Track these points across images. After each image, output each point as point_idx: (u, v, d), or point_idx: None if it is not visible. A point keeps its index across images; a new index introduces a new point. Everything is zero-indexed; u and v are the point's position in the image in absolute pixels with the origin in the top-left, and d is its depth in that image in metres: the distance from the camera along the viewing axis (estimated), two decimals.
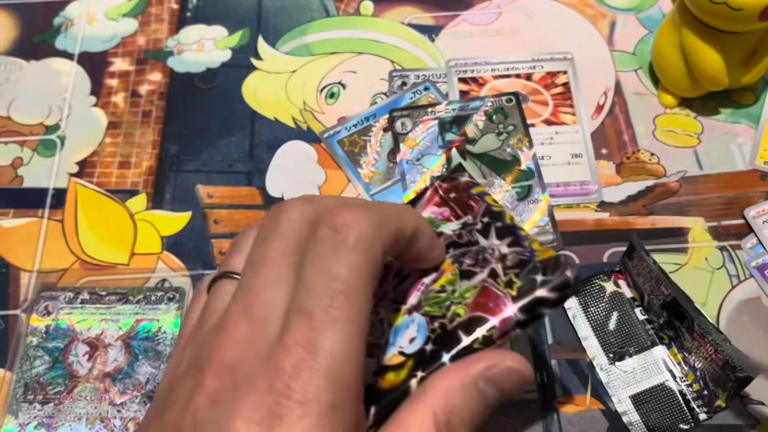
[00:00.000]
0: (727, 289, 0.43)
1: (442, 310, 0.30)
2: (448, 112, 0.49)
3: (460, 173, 0.35)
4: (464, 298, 0.30)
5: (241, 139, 0.50)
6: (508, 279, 0.30)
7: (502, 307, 0.29)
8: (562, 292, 0.29)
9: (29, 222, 0.47)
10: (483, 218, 0.33)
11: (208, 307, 0.29)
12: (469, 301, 0.30)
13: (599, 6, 0.55)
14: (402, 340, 0.30)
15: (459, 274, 0.31)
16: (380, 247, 0.26)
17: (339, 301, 0.25)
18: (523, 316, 0.29)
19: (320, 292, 0.25)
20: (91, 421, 0.40)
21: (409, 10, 0.56)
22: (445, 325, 0.29)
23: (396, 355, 0.29)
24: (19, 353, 0.42)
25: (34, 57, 0.54)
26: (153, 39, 0.55)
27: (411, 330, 0.30)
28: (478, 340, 0.28)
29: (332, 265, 0.25)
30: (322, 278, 0.25)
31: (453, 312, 0.29)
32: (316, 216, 0.27)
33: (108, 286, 0.44)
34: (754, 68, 0.47)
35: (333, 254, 0.25)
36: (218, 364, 0.25)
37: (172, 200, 0.48)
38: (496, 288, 0.30)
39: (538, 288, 0.29)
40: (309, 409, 0.23)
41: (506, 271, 0.30)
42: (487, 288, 0.30)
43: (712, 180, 0.47)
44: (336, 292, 0.25)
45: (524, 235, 0.32)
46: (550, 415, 0.40)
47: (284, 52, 0.54)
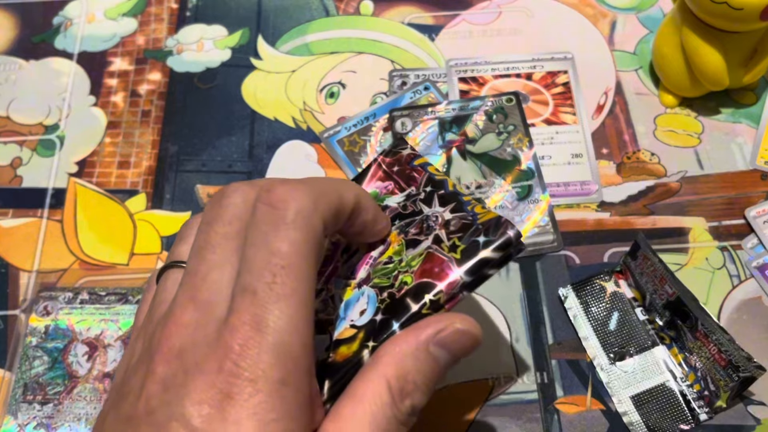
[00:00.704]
0: (727, 290, 0.43)
1: (390, 281, 0.30)
2: (448, 111, 0.49)
3: (403, 146, 0.36)
4: (411, 266, 0.30)
5: (240, 139, 0.50)
6: (451, 243, 0.30)
7: (448, 272, 0.29)
8: (505, 251, 0.30)
9: (28, 222, 0.47)
10: (426, 188, 0.33)
11: (157, 297, 0.29)
12: (415, 269, 0.30)
13: (600, 5, 0.55)
14: (353, 314, 0.30)
15: (405, 244, 0.31)
16: (319, 221, 0.27)
17: (281, 276, 0.25)
18: (468, 278, 0.29)
19: (262, 269, 0.25)
20: (91, 421, 0.40)
21: (409, 9, 0.56)
22: (393, 295, 0.30)
23: (347, 329, 0.30)
24: (19, 353, 0.42)
25: (34, 57, 0.54)
26: (152, 39, 0.55)
27: (361, 302, 0.30)
28: (425, 305, 0.29)
29: (272, 242, 0.25)
30: (263, 256, 0.25)
31: (401, 281, 0.30)
32: (258, 194, 0.27)
33: (107, 287, 0.44)
34: (755, 68, 0.47)
35: (273, 231, 0.26)
36: (167, 350, 0.25)
37: (171, 200, 0.48)
38: (440, 253, 0.30)
39: (482, 249, 0.29)
40: (259, 387, 0.24)
41: (449, 236, 0.30)
42: (432, 254, 0.30)
43: (712, 180, 0.47)
44: (278, 267, 0.25)
45: (467, 201, 0.32)
46: (550, 416, 0.39)
47: (284, 52, 0.54)
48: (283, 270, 0.25)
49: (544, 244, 0.45)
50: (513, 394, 0.40)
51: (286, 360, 0.24)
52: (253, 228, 0.26)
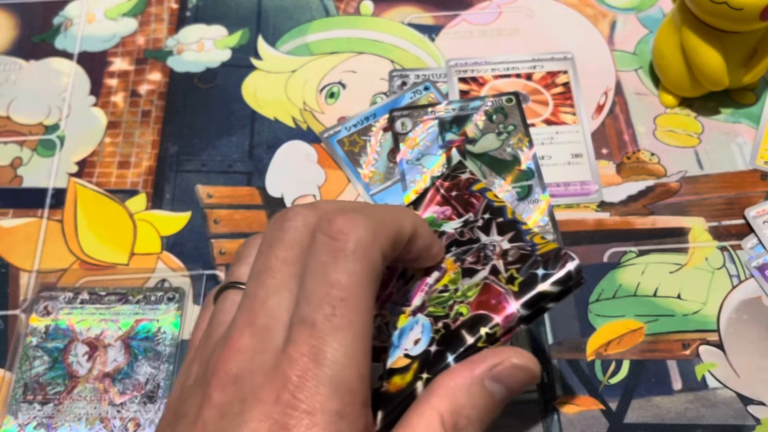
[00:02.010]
0: (727, 290, 0.43)
1: (445, 310, 0.30)
2: (448, 112, 0.49)
3: (461, 170, 0.35)
4: (467, 296, 0.30)
5: (240, 139, 0.50)
6: (509, 275, 0.29)
7: (505, 304, 0.29)
8: (565, 285, 0.29)
9: (29, 222, 0.47)
10: (484, 215, 0.33)
11: (215, 318, 0.29)
12: (471, 300, 0.29)
13: (599, 6, 0.55)
14: (407, 342, 0.30)
15: (461, 273, 0.31)
16: (378, 252, 0.26)
17: (340, 309, 0.25)
18: (525, 312, 0.29)
19: (321, 301, 0.25)
20: (91, 421, 0.40)
21: (409, 9, 0.56)
22: (448, 325, 0.29)
23: (401, 358, 0.29)
24: (19, 353, 0.42)
25: (34, 57, 0.54)
26: (153, 39, 0.55)
27: (415, 331, 0.30)
28: (481, 338, 0.28)
29: (332, 273, 0.25)
30: (322, 287, 0.25)
31: (456, 311, 0.29)
32: (318, 223, 0.27)
33: (108, 287, 0.44)
34: (755, 68, 0.47)
35: (332, 262, 0.26)
36: (224, 376, 0.25)
37: (171, 200, 0.48)
38: (497, 285, 0.29)
39: (540, 282, 0.29)
40: (316, 419, 0.24)
41: (507, 267, 0.30)
42: (489, 285, 0.29)
43: (712, 180, 0.47)
44: (337, 300, 0.25)
45: (526, 230, 0.31)
46: (550, 415, 0.39)
47: (284, 52, 0.54)
48: (342, 302, 0.25)
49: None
50: None
51: (344, 393, 0.24)
52: (312, 257, 0.26)
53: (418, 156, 0.47)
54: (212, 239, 0.46)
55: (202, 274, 0.45)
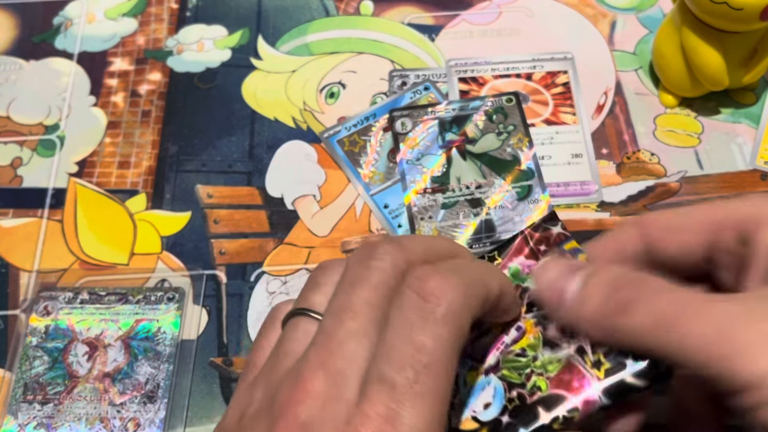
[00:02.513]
0: None
1: (521, 379, 0.29)
2: (448, 112, 0.49)
3: (554, 222, 0.32)
4: (547, 370, 0.28)
5: (240, 139, 0.50)
6: (596, 359, 0.28)
7: (587, 389, 0.27)
8: (652, 381, 0.27)
9: (29, 222, 0.47)
10: None
11: (285, 345, 0.27)
12: (552, 375, 0.28)
13: (599, 6, 0.55)
14: (476, 403, 0.29)
15: (542, 341, 0.29)
16: (468, 317, 0.26)
17: (423, 375, 0.24)
18: (607, 401, 0.27)
19: (404, 364, 0.24)
20: (91, 421, 0.40)
21: (409, 9, 0.56)
22: (524, 397, 0.28)
23: (469, 420, 0.28)
24: (19, 353, 0.42)
25: (34, 57, 0.54)
26: (153, 39, 0.55)
27: (486, 393, 0.29)
28: (558, 420, 0.27)
29: (418, 336, 0.24)
30: (407, 348, 0.24)
31: (533, 383, 0.28)
32: (408, 275, 0.26)
33: (107, 287, 0.44)
34: (755, 68, 0.47)
35: (420, 324, 0.25)
36: (292, 419, 0.24)
37: (171, 200, 0.48)
38: (582, 366, 0.28)
39: (627, 374, 0.27)
40: None
41: (595, 349, 0.28)
42: (573, 365, 0.28)
43: (712, 180, 0.47)
44: (421, 365, 0.24)
45: None
46: None
47: (284, 52, 0.54)
48: (425, 369, 0.24)
49: None
50: None
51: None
52: (398, 313, 0.25)
53: (418, 156, 0.47)
54: (212, 239, 0.46)
55: (202, 274, 0.45)
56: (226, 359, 0.42)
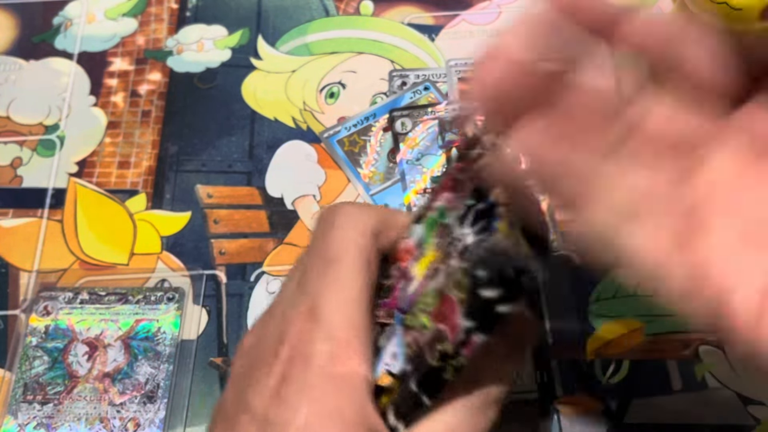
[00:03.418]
0: None
1: (413, 320, 0.27)
2: (448, 111, 0.49)
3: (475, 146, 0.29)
4: (428, 305, 0.27)
5: (240, 139, 0.50)
6: (458, 279, 0.25)
7: (452, 316, 0.25)
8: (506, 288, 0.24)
9: (29, 222, 0.47)
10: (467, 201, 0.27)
11: None
12: (432, 309, 0.26)
13: None
14: (387, 355, 0.28)
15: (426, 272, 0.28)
16: (366, 224, 0.29)
17: (331, 267, 0.28)
18: (471, 324, 0.25)
19: (314, 264, 0.28)
20: (91, 421, 0.40)
21: (409, 9, 0.56)
22: (418, 341, 0.27)
23: (384, 375, 0.28)
24: (19, 353, 0.42)
25: (34, 57, 0.54)
26: (152, 39, 0.55)
27: (393, 343, 0.28)
28: (436, 357, 0.26)
29: (322, 242, 0.29)
30: (315, 254, 0.29)
31: (421, 323, 0.27)
32: None
33: (107, 286, 0.44)
34: None
35: (322, 235, 0.29)
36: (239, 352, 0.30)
37: (171, 200, 0.48)
38: (450, 292, 0.25)
39: (479, 287, 0.24)
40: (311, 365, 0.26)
41: (462, 269, 0.25)
42: (444, 294, 0.26)
43: None
44: (327, 260, 0.28)
45: (499, 215, 0.25)
46: (550, 415, 0.39)
47: (284, 52, 0.54)
48: (332, 263, 0.28)
49: None
50: (513, 394, 0.40)
51: (337, 341, 0.26)
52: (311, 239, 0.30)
53: (418, 156, 0.47)
54: (212, 239, 0.46)
55: (202, 274, 0.45)
56: (226, 359, 0.42)
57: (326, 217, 0.30)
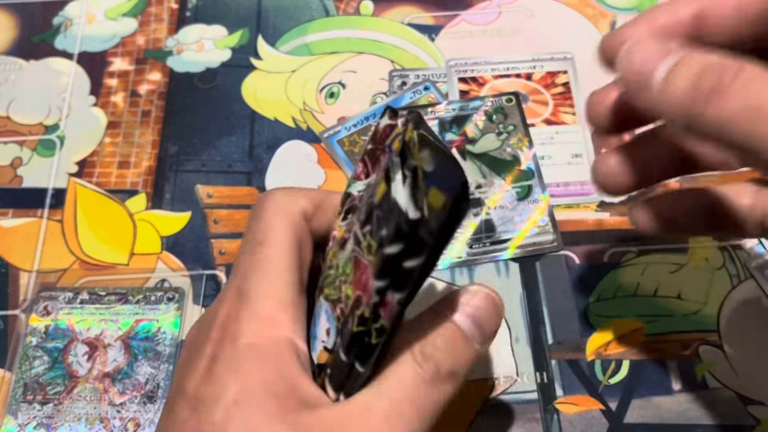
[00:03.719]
0: (727, 290, 0.43)
1: (337, 292, 0.27)
2: (448, 112, 0.49)
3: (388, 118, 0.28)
4: (347, 275, 0.26)
5: (240, 138, 0.50)
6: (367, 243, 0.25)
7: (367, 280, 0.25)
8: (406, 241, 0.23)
9: (28, 222, 0.47)
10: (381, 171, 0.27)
11: None
12: (351, 278, 0.26)
13: (600, 5, 0.55)
14: (321, 332, 0.28)
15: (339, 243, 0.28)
16: (296, 206, 0.30)
17: (259, 249, 0.29)
18: (381, 283, 0.24)
19: (245, 249, 0.29)
20: (91, 421, 0.40)
21: (409, 9, 0.56)
22: (344, 312, 0.27)
23: (322, 352, 0.28)
24: (19, 353, 0.42)
25: (34, 57, 0.54)
26: (152, 39, 0.55)
27: (323, 320, 0.29)
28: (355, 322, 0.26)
29: (253, 227, 0.30)
30: (247, 240, 0.30)
31: (345, 294, 0.26)
32: None
33: (107, 287, 0.44)
34: None
35: (254, 221, 0.30)
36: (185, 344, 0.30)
37: (171, 200, 0.48)
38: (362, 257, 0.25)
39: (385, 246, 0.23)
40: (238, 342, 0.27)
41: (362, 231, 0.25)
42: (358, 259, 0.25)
43: (712, 180, 0.47)
44: (257, 243, 0.29)
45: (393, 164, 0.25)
46: (550, 416, 0.39)
47: (284, 52, 0.54)
48: (260, 245, 0.29)
49: (544, 244, 0.45)
50: (513, 394, 0.40)
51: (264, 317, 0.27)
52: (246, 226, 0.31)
53: None
54: (212, 239, 0.46)
55: (202, 274, 0.45)
56: None
57: (258, 202, 0.30)
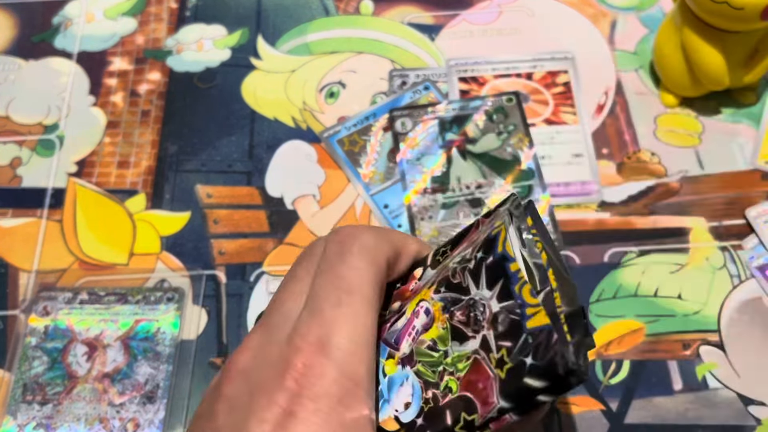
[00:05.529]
0: (728, 290, 0.43)
1: (435, 377, 0.27)
2: (448, 111, 0.49)
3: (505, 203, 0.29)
4: (457, 369, 0.27)
5: (240, 138, 0.50)
6: (500, 356, 0.25)
7: (489, 392, 0.25)
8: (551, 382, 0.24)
9: (28, 222, 0.47)
10: (478, 252, 0.28)
11: None
12: (461, 375, 0.26)
13: (600, 5, 0.55)
14: (397, 401, 0.28)
15: (450, 331, 0.27)
16: (382, 255, 0.28)
17: (347, 299, 0.26)
18: (507, 404, 0.25)
19: (329, 293, 0.26)
20: (90, 421, 0.40)
21: (409, 9, 0.56)
22: (437, 399, 0.27)
23: (391, 420, 0.28)
24: (18, 353, 0.42)
25: (33, 56, 0.54)
26: (152, 38, 0.55)
27: (405, 391, 0.28)
28: (459, 424, 0.26)
29: (339, 269, 0.27)
30: (330, 282, 0.27)
31: (446, 384, 0.27)
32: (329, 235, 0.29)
33: (107, 287, 0.44)
34: (756, 68, 0.47)
35: (339, 261, 0.27)
36: (234, 372, 0.27)
37: (171, 200, 0.48)
38: (487, 366, 0.26)
39: (527, 375, 0.24)
40: (320, 405, 0.24)
41: (498, 342, 0.26)
42: (480, 364, 0.26)
43: (713, 180, 0.47)
44: (343, 292, 0.26)
45: (514, 272, 0.26)
46: (550, 415, 0.39)
47: (284, 52, 0.54)
48: (347, 295, 0.26)
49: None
50: None
51: (347, 380, 0.25)
52: (322, 260, 0.28)
53: (418, 156, 0.47)
54: (212, 239, 0.46)
55: (201, 274, 0.45)
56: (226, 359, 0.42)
57: (344, 240, 0.28)
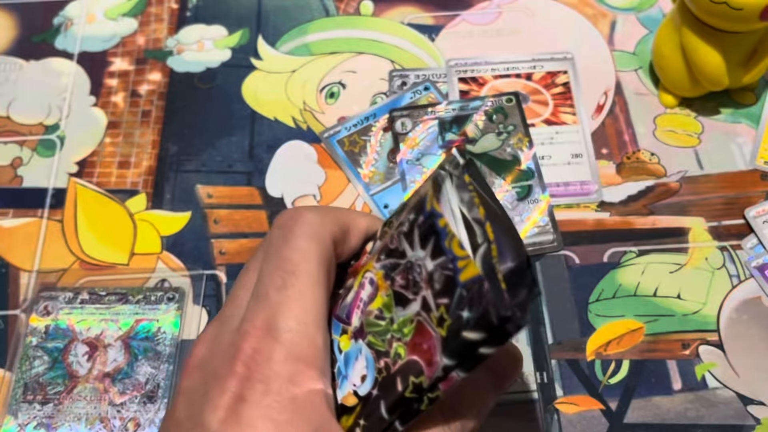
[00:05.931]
0: (727, 290, 0.43)
1: (385, 346, 0.27)
2: (448, 112, 0.49)
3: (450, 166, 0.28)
4: (403, 334, 0.26)
5: (240, 139, 0.50)
6: (439, 315, 0.25)
7: (432, 351, 0.25)
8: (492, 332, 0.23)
9: (29, 222, 0.47)
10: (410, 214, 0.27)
11: None
12: (407, 340, 0.26)
13: (599, 6, 0.55)
14: (354, 376, 0.28)
15: (394, 297, 0.27)
16: (327, 234, 0.28)
17: (291, 280, 0.26)
18: (452, 362, 0.24)
19: (273, 276, 0.26)
20: (91, 421, 0.40)
21: (409, 9, 0.56)
22: (389, 367, 0.27)
23: (350, 395, 0.28)
24: (19, 353, 0.42)
25: (34, 57, 0.54)
26: (153, 39, 0.55)
27: (360, 364, 0.28)
28: (408, 387, 0.26)
29: (282, 252, 0.27)
30: (274, 265, 0.27)
31: (395, 351, 0.27)
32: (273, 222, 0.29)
33: (107, 286, 0.44)
34: (755, 68, 0.47)
35: (283, 244, 0.27)
36: (190, 365, 0.27)
37: (171, 200, 0.48)
38: (429, 326, 0.25)
39: (464, 329, 0.24)
40: (270, 387, 0.25)
41: (437, 301, 0.25)
42: (422, 325, 0.26)
43: (712, 180, 0.47)
44: (287, 273, 0.26)
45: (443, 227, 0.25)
46: (550, 416, 0.39)
47: (284, 52, 0.54)
48: (292, 276, 0.26)
49: (544, 244, 0.45)
50: (513, 394, 0.40)
51: (296, 360, 0.25)
52: (268, 246, 0.28)
53: (418, 156, 0.47)
54: (212, 239, 0.46)
55: (202, 274, 0.45)
56: None
57: (286, 223, 0.28)
